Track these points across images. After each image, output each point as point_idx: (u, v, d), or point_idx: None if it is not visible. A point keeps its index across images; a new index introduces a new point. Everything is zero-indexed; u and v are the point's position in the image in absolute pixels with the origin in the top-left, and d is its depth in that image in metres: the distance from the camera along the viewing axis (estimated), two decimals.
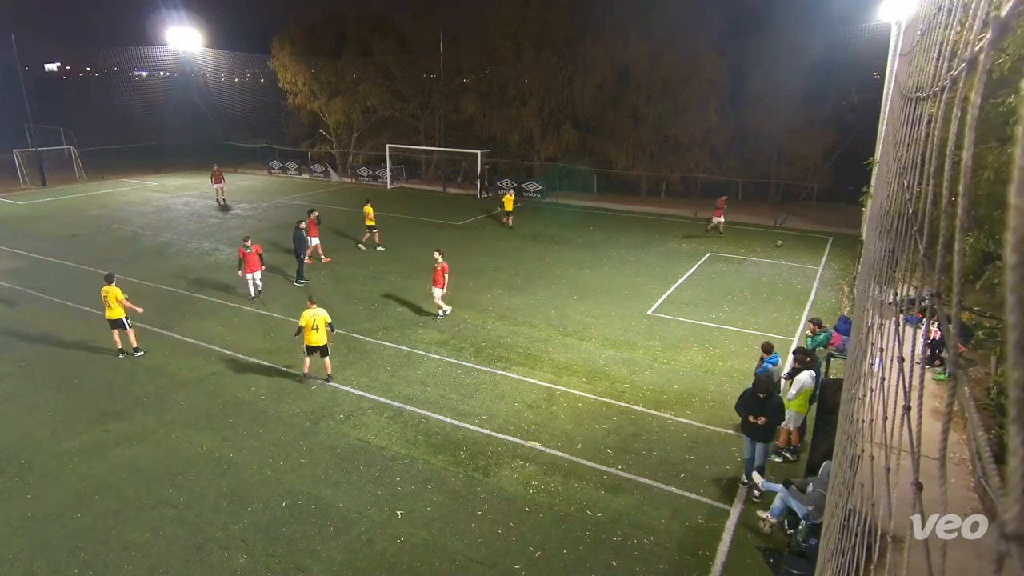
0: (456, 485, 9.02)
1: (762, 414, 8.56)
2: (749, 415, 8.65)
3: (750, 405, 8.71)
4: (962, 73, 1.32)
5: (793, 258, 21.15)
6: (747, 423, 8.73)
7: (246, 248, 15.92)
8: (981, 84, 1.02)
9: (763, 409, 8.58)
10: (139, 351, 12.92)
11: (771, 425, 8.68)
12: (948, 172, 1.29)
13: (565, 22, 31.60)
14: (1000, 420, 8.70)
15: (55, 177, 34.43)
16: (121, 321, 12.62)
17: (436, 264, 14.81)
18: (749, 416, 8.65)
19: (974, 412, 1.19)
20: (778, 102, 27.96)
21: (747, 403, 8.79)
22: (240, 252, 16.15)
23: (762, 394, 8.62)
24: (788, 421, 9.75)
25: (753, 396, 8.72)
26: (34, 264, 19.53)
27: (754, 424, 8.61)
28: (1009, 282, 0.65)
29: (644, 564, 7.60)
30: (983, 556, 2.80)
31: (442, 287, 14.86)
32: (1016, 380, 0.63)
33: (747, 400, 8.81)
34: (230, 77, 50.50)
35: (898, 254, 3.03)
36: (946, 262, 1.43)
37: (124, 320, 12.64)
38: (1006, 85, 5.81)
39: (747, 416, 8.69)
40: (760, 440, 8.71)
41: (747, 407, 8.74)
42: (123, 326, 12.69)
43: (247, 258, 15.87)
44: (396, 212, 28.52)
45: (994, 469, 0.88)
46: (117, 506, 8.47)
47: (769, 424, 8.63)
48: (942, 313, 1.50)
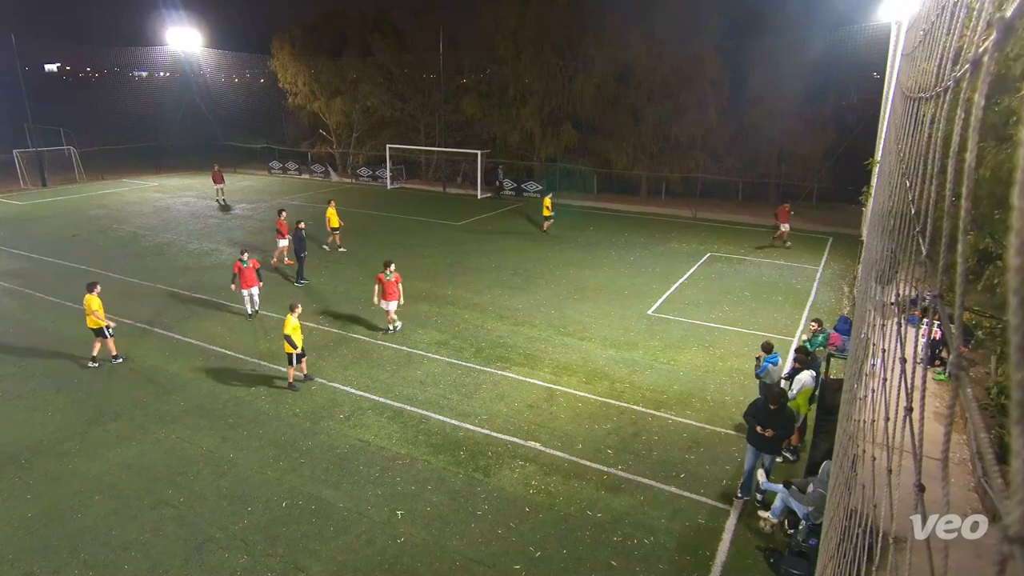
0: (456, 485, 9.01)
1: (771, 426, 8.32)
2: (758, 426, 8.41)
3: (760, 416, 8.45)
4: (966, 74, 1.32)
5: (793, 258, 21.15)
6: (755, 433, 8.50)
7: (243, 262, 14.63)
8: (985, 85, 1.02)
9: (774, 421, 8.34)
10: (118, 358, 12.59)
11: (779, 438, 8.50)
12: (951, 173, 1.29)
13: (565, 22, 31.57)
14: (1000, 420, 8.69)
15: (55, 177, 34.43)
16: (101, 330, 12.23)
17: (388, 276, 13.75)
18: (757, 427, 8.40)
19: (976, 413, 1.19)
20: (778, 102, 27.96)
21: (756, 413, 8.52)
22: (236, 266, 14.73)
23: (773, 405, 8.38)
24: None
25: (764, 407, 8.47)
26: (34, 264, 19.52)
27: (761, 435, 8.39)
28: (1012, 284, 0.65)
29: (644, 564, 7.60)
30: (983, 556, 2.79)
31: (397, 299, 13.95)
32: (1019, 382, 0.63)
33: (757, 410, 8.55)
34: (230, 77, 50.44)
35: (900, 254, 3.03)
36: (948, 262, 1.43)
37: (104, 329, 12.22)
38: (1005, 87, 5.81)
39: (755, 427, 8.45)
40: (767, 451, 8.55)
41: (756, 417, 8.47)
42: (103, 335, 12.28)
43: (243, 273, 14.60)
44: (396, 212, 28.54)
45: (996, 470, 0.88)
46: (117, 506, 8.47)
47: (778, 436, 8.44)
48: (943, 313, 1.50)
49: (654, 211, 29.08)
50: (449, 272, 19.06)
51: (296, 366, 11.66)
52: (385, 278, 13.74)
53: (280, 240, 19.07)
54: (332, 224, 21.03)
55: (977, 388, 10.68)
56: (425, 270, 19.17)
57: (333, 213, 21.02)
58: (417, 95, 37.09)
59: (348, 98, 37.53)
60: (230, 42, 46.37)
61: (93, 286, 12.41)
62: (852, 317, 13.91)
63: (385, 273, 13.78)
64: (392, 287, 13.79)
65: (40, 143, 34.40)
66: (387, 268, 13.84)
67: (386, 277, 13.74)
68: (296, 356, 11.51)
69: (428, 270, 19.20)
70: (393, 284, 13.79)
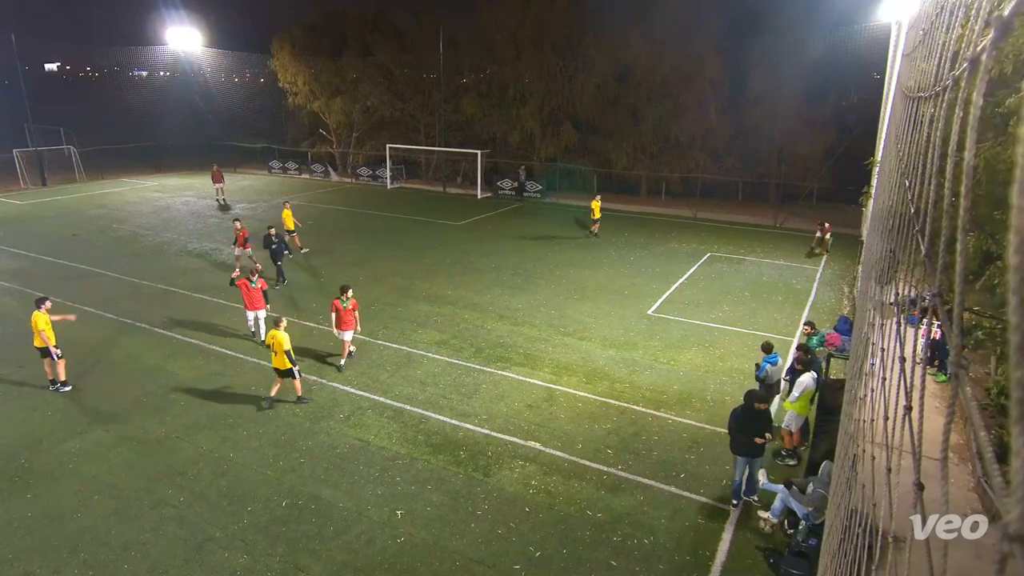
0: (456, 485, 9.01)
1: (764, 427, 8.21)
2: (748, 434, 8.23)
3: (744, 422, 8.27)
4: (964, 73, 1.32)
5: (793, 258, 21.16)
6: (738, 442, 8.35)
7: (251, 282, 13.35)
8: (983, 84, 1.02)
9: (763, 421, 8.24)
10: (66, 385, 11.48)
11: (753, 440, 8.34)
12: (950, 172, 1.29)
13: (565, 22, 31.58)
14: (1000, 420, 8.69)
15: (55, 177, 34.44)
16: (47, 350, 11.20)
17: (345, 304, 12.19)
18: (756, 438, 8.19)
19: (976, 412, 1.19)
20: (778, 102, 27.94)
21: (740, 421, 8.33)
22: (242, 284, 13.42)
23: (762, 404, 8.26)
24: (789, 423, 9.73)
25: (749, 411, 8.27)
26: (34, 264, 19.52)
27: (747, 442, 8.24)
28: (1012, 283, 0.65)
29: (644, 564, 7.60)
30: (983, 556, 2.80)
31: (354, 327, 12.42)
32: (1019, 381, 0.63)
33: (739, 418, 8.36)
34: (230, 77, 50.45)
35: (899, 254, 3.03)
36: (947, 262, 1.43)
37: (49, 349, 11.18)
38: (1005, 84, 5.81)
39: (740, 434, 8.28)
40: (756, 456, 8.43)
41: (741, 425, 8.29)
42: (49, 355, 11.27)
43: (250, 294, 13.35)
44: (396, 212, 28.54)
45: (996, 470, 0.88)
46: (117, 506, 8.47)
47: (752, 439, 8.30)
48: (944, 313, 1.50)
49: (654, 211, 29.08)
50: (449, 272, 19.06)
51: (286, 381, 11.06)
52: (341, 305, 12.18)
53: (236, 249, 18.24)
54: (287, 226, 20.23)
55: (977, 388, 10.68)
56: (425, 270, 19.17)
57: (288, 215, 20.45)
58: (417, 95, 37.10)
59: (348, 98, 37.54)
60: (230, 42, 46.34)
61: (42, 302, 11.39)
62: (852, 317, 13.91)
63: (341, 300, 12.21)
64: (349, 315, 12.25)
65: (40, 143, 34.41)
66: (343, 294, 12.25)
67: (342, 304, 12.18)
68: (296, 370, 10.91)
69: (428, 270, 19.20)
70: (350, 312, 12.27)
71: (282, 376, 10.97)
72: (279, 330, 10.83)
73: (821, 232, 21.93)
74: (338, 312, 12.21)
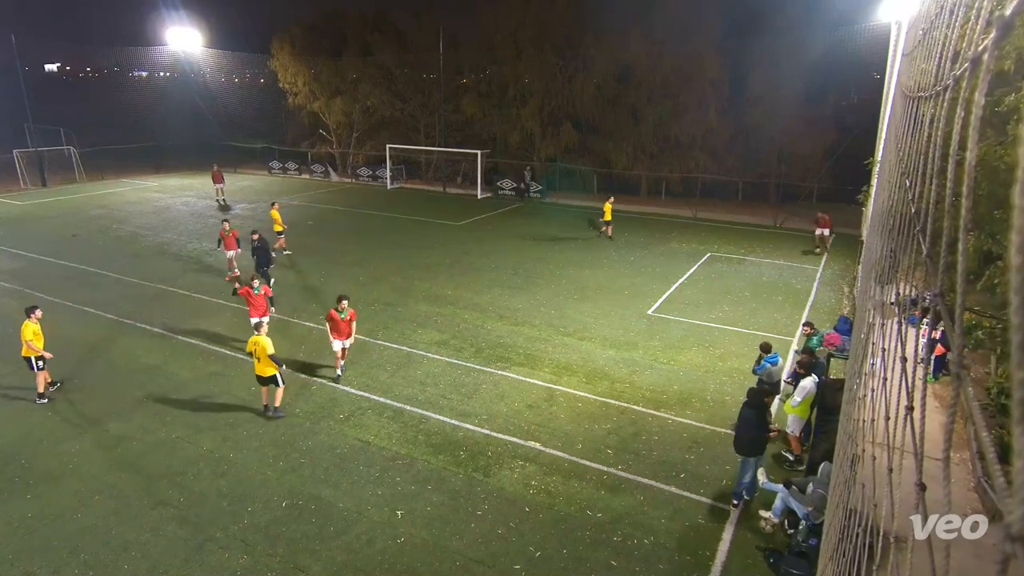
0: (456, 485, 9.01)
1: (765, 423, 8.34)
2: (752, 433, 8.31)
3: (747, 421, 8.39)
4: (965, 73, 1.32)
5: (793, 258, 21.16)
6: (741, 441, 8.43)
7: (254, 289, 12.96)
8: (984, 84, 1.01)
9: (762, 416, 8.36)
10: (43, 398, 11.05)
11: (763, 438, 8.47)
12: (951, 172, 1.29)
13: (565, 22, 31.58)
14: (1000, 420, 8.69)
15: (55, 177, 34.43)
16: (29, 360, 10.92)
17: (343, 315, 11.56)
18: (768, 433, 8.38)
19: (977, 412, 1.19)
20: (778, 102, 27.94)
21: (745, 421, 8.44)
22: (245, 292, 13.06)
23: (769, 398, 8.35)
24: (790, 425, 9.71)
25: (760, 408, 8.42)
26: (34, 264, 19.52)
27: (752, 440, 8.31)
28: (1013, 283, 0.65)
29: (644, 564, 7.60)
30: (983, 556, 2.79)
31: (349, 336, 11.84)
32: (1020, 381, 0.63)
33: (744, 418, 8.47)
34: (230, 77, 50.43)
35: (900, 254, 3.03)
36: (949, 262, 1.43)
37: (31, 359, 10.89)
38: (1005, 83, 5.82)
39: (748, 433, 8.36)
40: (759, 454, 8.49)
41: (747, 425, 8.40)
42: (31, 366, 10.95)
43: (254, 301, 13.03)
44: (396, 212, 28.54)
45: (997, 470, 0.88)
46: (117, 506, 8.46)
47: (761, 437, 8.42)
48: (945, 313, 1.50)
49: (654, 211, 29.08)
50: (449, 272, 19.06)
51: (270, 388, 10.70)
52: (339, 316, 11.55)
53: (227, 251, 17.82)
54: (276, 228, 20.17)
55: (977, 388, 10.68)
56: (425, 270, 19.17)
57: (277, 215, 20.33)
58: (417, 95, 37.09)
59: (348, 98, 37.54)
60: (230, 42, 46.38)
61: (32, 311, 11.07)
62: (852, 317, 13.91)
63: (338, 310, 11.58)
64: (346, 326, 11.65)
65: (40, 143, 34.40)
66: (340, 304, 11.61)
67: (339, 315, 11.56)
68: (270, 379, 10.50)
69: (428, 270, 19.20)
70: (347, 323, 11.66)
71: (264, 384, 10.62)
72: (261, 335, 10.45)
73: (819, 227, 21.79)
74: (334, 322, 11.63)
